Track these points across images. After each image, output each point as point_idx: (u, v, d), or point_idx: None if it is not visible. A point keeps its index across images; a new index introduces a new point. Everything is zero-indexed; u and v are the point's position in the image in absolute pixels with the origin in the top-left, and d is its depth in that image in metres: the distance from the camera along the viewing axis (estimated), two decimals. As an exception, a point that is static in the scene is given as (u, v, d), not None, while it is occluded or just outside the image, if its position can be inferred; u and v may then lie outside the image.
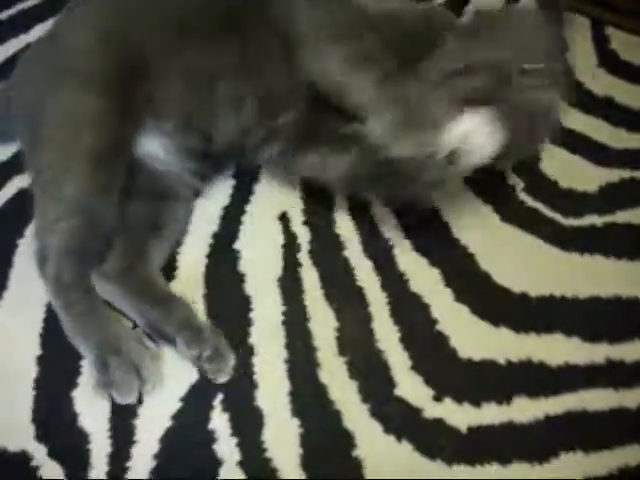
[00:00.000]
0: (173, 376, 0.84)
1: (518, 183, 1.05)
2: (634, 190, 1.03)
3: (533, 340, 0.87)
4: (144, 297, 0.89)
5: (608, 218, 1.00)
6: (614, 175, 1.05)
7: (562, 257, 0.96)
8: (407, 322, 0.89)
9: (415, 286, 0.92)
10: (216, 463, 0.77)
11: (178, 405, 0.82)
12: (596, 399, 0.82)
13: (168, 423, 0.80)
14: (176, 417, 0.81)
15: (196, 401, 0.83)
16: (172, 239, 0.96)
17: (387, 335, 0.87)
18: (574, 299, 0.91)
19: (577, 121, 1.13)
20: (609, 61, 1.23)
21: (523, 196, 1.03)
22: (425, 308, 0.90)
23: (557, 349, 0.86)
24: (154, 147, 0.97)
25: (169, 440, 0.79)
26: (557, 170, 1.06)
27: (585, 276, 0.93)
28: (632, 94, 1.17)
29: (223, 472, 0.77)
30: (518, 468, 0.76)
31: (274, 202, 1.01)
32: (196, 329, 0.85)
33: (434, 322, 0.89)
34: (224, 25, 0.95)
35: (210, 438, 0.79)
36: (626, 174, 1.05)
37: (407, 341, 0.87)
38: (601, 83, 1.19)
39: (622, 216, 1.00)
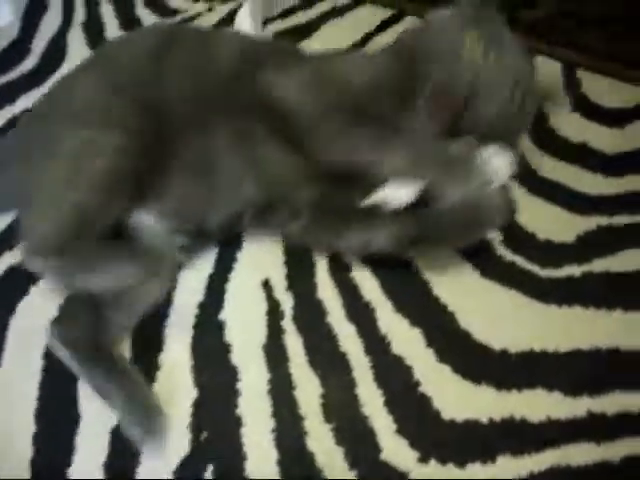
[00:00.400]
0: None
1: (495, 237, 1.05)
2: (611, 237, 1.04)
3: (515, 397, 0.88)
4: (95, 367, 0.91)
5: (585, 267, 1.01)
6: (591, 223, 1.07)
7: (541, 310, 0.97)
8: (390, 386, 0.90)
9: (397, 348, 0.94)
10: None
11: (169, 478, 0.83)
12: (579, 454, 0.82)
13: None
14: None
15: (187, 474, 0.84)
16: (139, 312, 0.98)
17: (371, 400, 0.89)
18: (554, 353, 0.92)
19: (552, 169, 1.15)
20: (582, 105, 1.25)
21: (501, 250, 1.04)
22: (408, 370, 0.91)
23: (539, 405, 0.87)
24: (147, 219, 1.00)
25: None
26: (534, 221, 1.08)
27: (565, 329, 0.94)
28: (605, 138, 1.19)
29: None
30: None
31: (257, 269, 1.04)
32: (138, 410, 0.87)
33: (417, 384, 0.90)
34: (214, 111, 0.99)
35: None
36: (603, 221, 1.07)
37: (391, 405, 0.88)
38: (575, 128, 1.20)
39: (599, 264, 1.01)
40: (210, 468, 0.85)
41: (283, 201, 1.00)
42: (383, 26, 1.47)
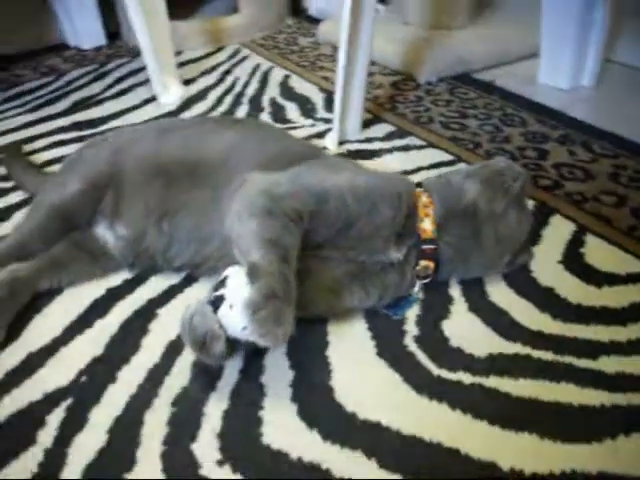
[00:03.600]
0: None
1: (410, 330, 1.10)
2: (522, 365, 1.04)
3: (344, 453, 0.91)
4: None
5: (478, 379, 1.01)
6: (511, 348, 1.07)
7: (412, 397, 1.00)
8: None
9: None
10: None
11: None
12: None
13: None
14: None
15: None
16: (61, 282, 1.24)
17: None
18: (398, 432, 0.95)
19: (503, 298, 1.18)
20: (571, 260, 1.27)
21: (410, 343, 1.08)
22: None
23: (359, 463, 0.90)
24: (105, 233, 1.26)
25: None
26: (458, 331, 1.11)
27: (420, 417, 0.97)
28: (576, 291, 1.19)
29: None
30: None
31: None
32: None
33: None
34: (193, 175, 1.22)
35: None
36: (524, 351, 1.06)
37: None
38: (549, 275, 1.22)
39: (493, 381, 1.01)
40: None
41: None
42: (436, 165, 1.60)
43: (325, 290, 1.09)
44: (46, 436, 0.96)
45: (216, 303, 0.95)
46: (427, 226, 1.11)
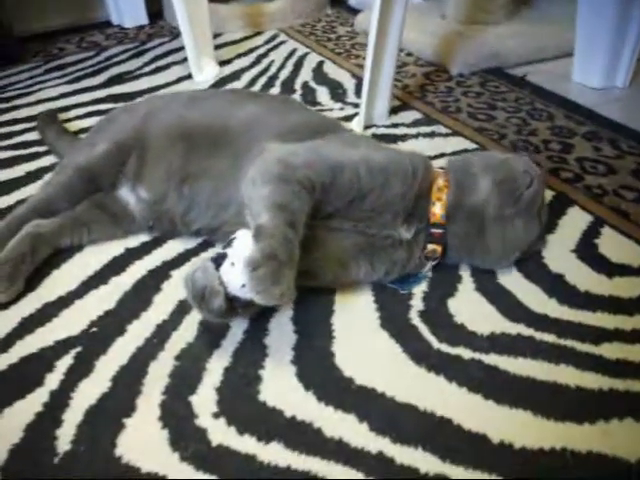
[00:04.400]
0: None
1: (416, 305, 1.12)
2: (523, 345, 1.04)
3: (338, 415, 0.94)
4: None
5: (477, 355, 1.02)
6: (515, 328, 1.08)
7: (412, 368, 1.02)
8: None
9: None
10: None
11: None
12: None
13: None
14: None
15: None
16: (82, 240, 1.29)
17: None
18: (391, 399, 0.96)
19: (512, 281, 1.19)
20: (584, 249, 1.27)
21: (414, 317, 1.10)
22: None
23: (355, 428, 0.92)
24: (128, 195, 1.30)
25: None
26: (463, 309, 1.12)
27: (420, 389, 0.98)
28: (586, 279, 1.19)
29: None
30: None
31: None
32: None
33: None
34: (216, 143, 1.25)
35: None
36: (527, 331, 1.07)
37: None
38: (560, 263, 1.23)
39: (493, 358, 1.02)
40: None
41: None
42: (460, 152, 1.60)
43: (333, 261, 1.10)
44: (53, 380, 1.00)
45: (218, 260, 0.98)
46: (437, 210, 1.13)
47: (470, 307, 1.12)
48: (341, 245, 1.10)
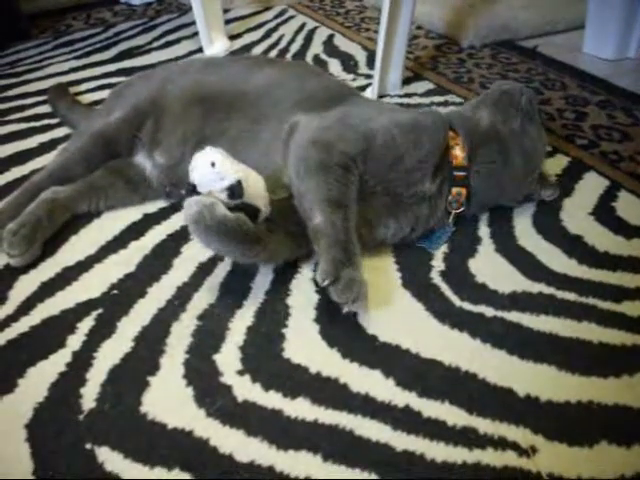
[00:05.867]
0: None
1: (437, 266, 1.12)
2: (545, 303, 1.05)
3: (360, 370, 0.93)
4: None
5: (500, 313, 1.02)
6: (535, 287, 1.08)
7: (438, 327, 1.02)
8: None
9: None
10: None
11: None
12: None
13: None
14: None
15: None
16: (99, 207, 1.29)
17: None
18: (417, 355, 0.97)
19: (531, 242, 1.19)
20: (602, 212, 1.27)
21: (435, 277, 1.10)
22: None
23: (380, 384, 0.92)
24: (144, 161, 1.30)
25: None
26: (484, 269, 1.12)
27: (445, 345, 0.98)
28: (605, 240, 1.19)
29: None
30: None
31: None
32: None
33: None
34: (233, 105, 1.26)
35: None
36: (548, 290, 1.07)
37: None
38: (579, 224, 1.23)
39: (515, 315, 1.02)
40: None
41: None
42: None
43: (362, 222, 1.10)
44: (75, 341, 1.00)
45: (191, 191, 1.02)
46: (458, 153, 1.14)
47: (490, 267, 1.12)
48: (369, 207, 1.11)
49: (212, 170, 0.99)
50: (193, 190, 1.00)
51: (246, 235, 0.98)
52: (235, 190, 0.99)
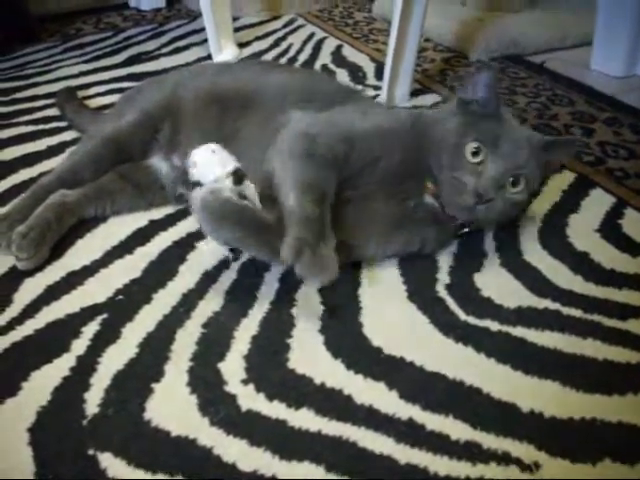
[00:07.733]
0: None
1: (442, 279, 1.12)
2: (550, 319, 1.04)
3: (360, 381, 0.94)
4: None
5: (505, 328, 1.03)
6: (541, 303, 1.08)
7: (440, 339, 1.02)
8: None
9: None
10: None
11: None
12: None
13: None
14: None
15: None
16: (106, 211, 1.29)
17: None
18: (420, 368, 0.96)
19: (537, 258, 1.19)
20: (608, 229, 1.27)
21: (441, 290, 1.10)
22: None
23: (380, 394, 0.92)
24: (160, 164, 1.30)
25: None
26: (489, 283, 1.12)
27: (449, 358, 0.98)
28: (611, 257, 1.19)
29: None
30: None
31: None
32: None
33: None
34: (245, 106, 1.27)
35: None
36: (554, 306, 1.07)
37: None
38: (584, 241, 1.23)
39: (520, 331, 1.02)
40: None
41: None
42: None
43: (376, 232, 1.13)
44: (80, 345, 1.00)
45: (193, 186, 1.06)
46: None
47: (496, 282, 1.12)
48: (381, 217, 1.13)
49: (214, 156, 1.03)
50: (196, 185, 1.03)
51: (255, 219, 1.01)
52: (239, 173, 1.03)
